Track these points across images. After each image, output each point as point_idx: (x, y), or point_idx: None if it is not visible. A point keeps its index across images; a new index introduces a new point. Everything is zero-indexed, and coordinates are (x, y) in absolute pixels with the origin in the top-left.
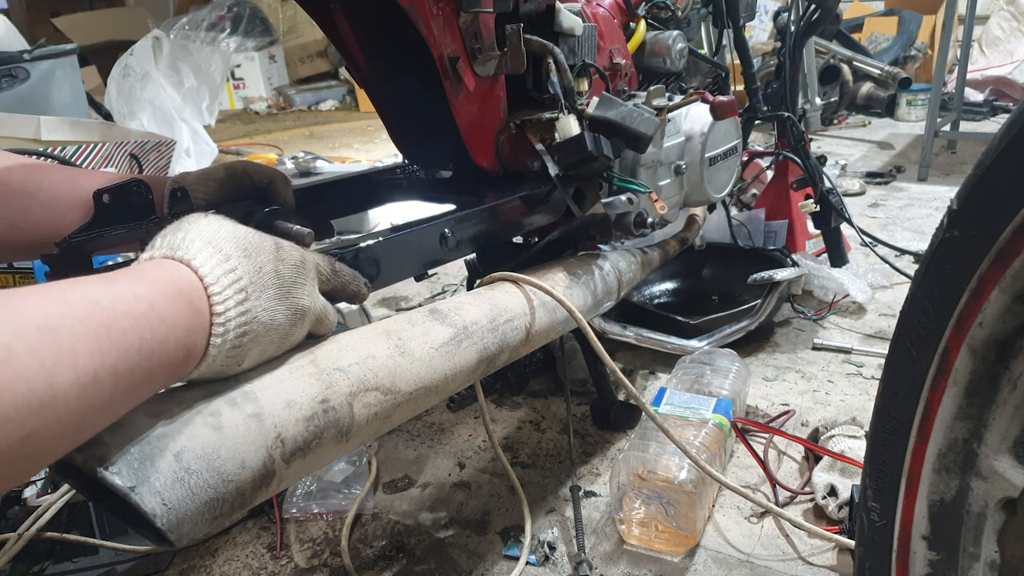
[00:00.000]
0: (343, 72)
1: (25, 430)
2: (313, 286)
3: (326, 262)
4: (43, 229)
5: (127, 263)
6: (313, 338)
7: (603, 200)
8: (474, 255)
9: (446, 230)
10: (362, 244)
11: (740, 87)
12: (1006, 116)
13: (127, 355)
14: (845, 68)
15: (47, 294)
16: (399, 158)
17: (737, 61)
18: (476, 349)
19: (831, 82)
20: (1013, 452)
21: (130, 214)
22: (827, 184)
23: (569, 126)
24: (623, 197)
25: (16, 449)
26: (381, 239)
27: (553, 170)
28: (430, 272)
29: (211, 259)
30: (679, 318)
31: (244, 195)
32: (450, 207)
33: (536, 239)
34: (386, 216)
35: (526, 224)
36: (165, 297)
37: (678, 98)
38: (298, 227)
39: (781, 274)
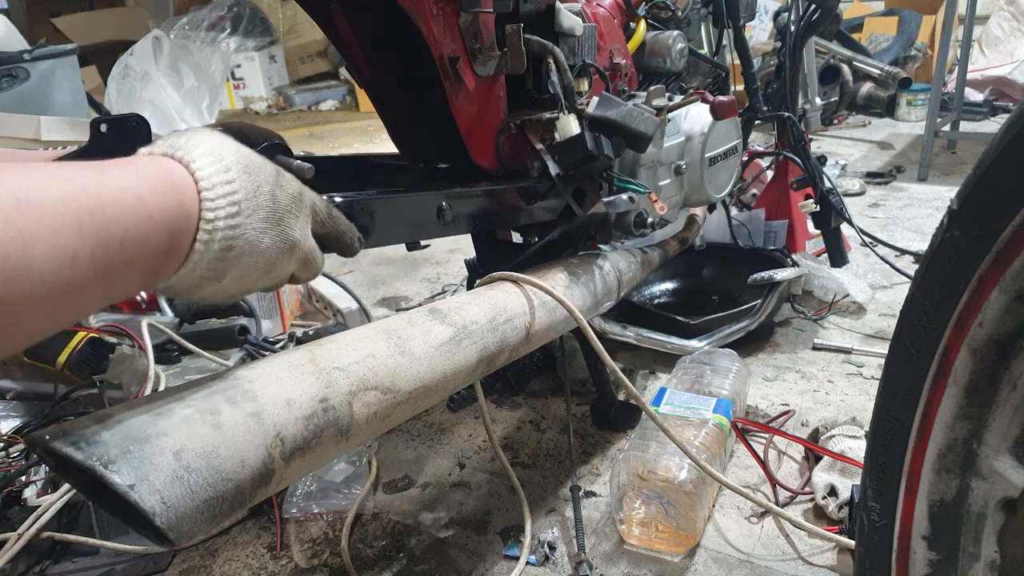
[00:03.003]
0: (343, 72)
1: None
2: (306, 222)
3: (323, 204)
4: None
5: None
6: (296, 281)
7: (604, 199)
8: (474, 256)
9: (444, 203)
10: (360, 197)
11: (740, 87)
12: (1006, 116)
13: (107, 243)
14: (845, 68)
15: (31, 169)
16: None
17: (737, 61)
18: (476, 348)
19: (831, 82)
20: (1013, 452)
21: (126, 148)
22: (827, 184)
23: (569, 126)
24: (624, 196)
25: None
26: (379, 196)
27: (554, 169)
28: (423, 243)
29: (211, 165)
30: (679, 318)
31: None
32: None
33: (536, 239)
34: None
35: (524, 214)
36: (156, 192)
37: (678, 98)
38: (299, 161)
39: (781, 274)
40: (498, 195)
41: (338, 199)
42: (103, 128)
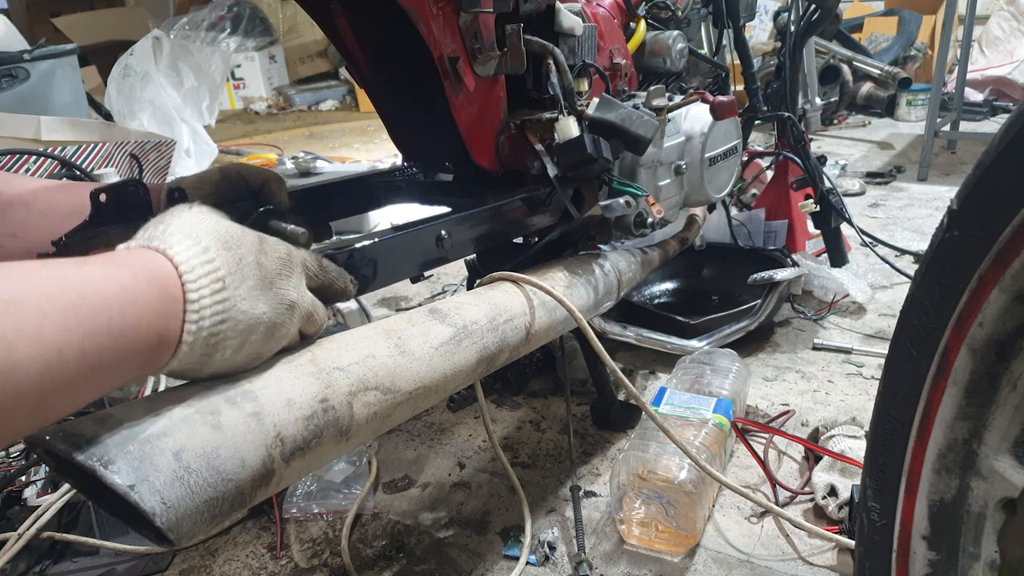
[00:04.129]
0: (343, 72)
1: None
2: (300, 281)
3: (313, 259)
4: (41, 237)
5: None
6: (303, 338)
7: (601, 203)
8: (474, 255)
9: (442, 232)
10: (357, 245)
11: (740, 87)
12: (1006, 116)
13: (95, 334)
14: (845, 68)
15: (15, 268)
16: (399, 158)
17: (737, 61)
18: (476, 349)
19: (831, 82)
20: (1013, 452)
21: (126, 214)
22: (827, 184)
23: (569, 128)
24: (621, 200)
25: None
26: (377, 240)
27: (552, 171)
28: (426, 274)
29: (188, 249)
30: (679, 318)
31: (239, 196)
32: (447, 210)
33: (536, 239)
34: (386, 217)
35: (524, 226)
36: (137, 280)
37: (678, 98)
38: (292, 227)
39: (781, 274)
40: (497, 213)
41: (334, 253)
42: (102, 198)
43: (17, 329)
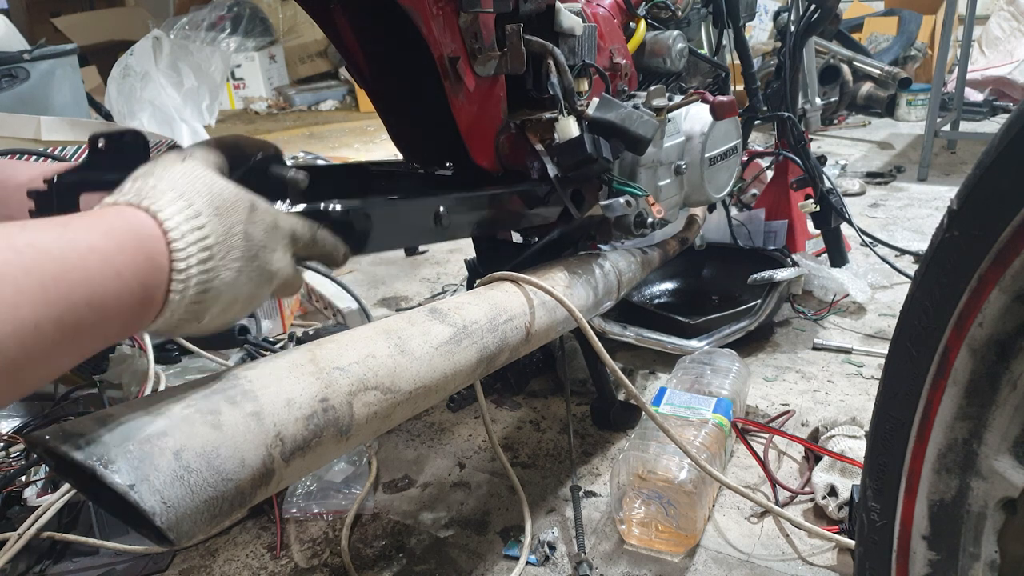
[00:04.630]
0: (343, 72)
1: None
2: (285, 251)
3: (306, 228)
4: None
5: None
6: (274, 297)
7: (602, 203)
8: (474, 255)
9: (441, 208)
10: (356, 204)
11: (740, 87)
12: (1006, 116)
13: (74, 308)
14: (845, 68)
15: None
16: (399, 158)
17: (737, 61)
18: (476, 348)
19: (831, 82)
20: (1013, 452)
21: (123, 163)
22: (827, 184)
23: (568, 128)
24: (621, 200)
25: None
26: (377, 205)
27: (552, 171)
28: (421, 249)
29: (179, 213)
30: (679, 318)
31: (236, 164)
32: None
33: (536, 238)
34: None
35: (523, 219)
36: (122, 249)
37: (678, 98)
38: (293, 172)
39: (781, 274)
40: (497, 200)
41: (338, 207)
42: (100, 144)
43: None
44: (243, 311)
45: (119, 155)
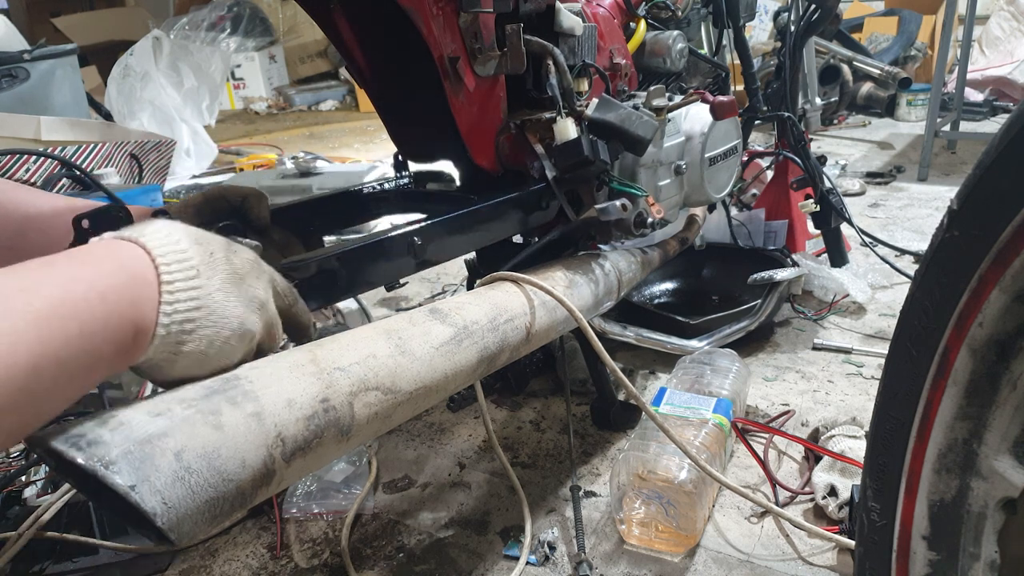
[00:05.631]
0: (343, 72)
1: None
2: (268, 287)
3: (282, 279)
4: (38, 252)
5: None
6: (258, 353)
7: (597, 205)
8: (474, 255)
9: (415, 239)
10: (323, 255)
11: (740, 87)
12: (1006, 116)
13: (68, 341)
14: (845, 68)
15: None
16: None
17: (737, 61)
18: (476, 349)
19: (831, 82)
20: (1013, 452)
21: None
22: (827, 184)
23: (566, 129)
24: (617, 203)
25: None
26: (347, 248)
27: (550, 172)
28: (401, 281)
29: (161, 239)
30: (679, 318)
31: (221, 216)
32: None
33: (536, 238)
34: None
35: (510, 228)
36: (104, 273)
37: (678, 98)
38: (247, 239)
39: (781, 274)
40: (476, 216)
41: (301, 261)
42: (85, 224)
43: None
44: (239, 344)
45: (107, 230)
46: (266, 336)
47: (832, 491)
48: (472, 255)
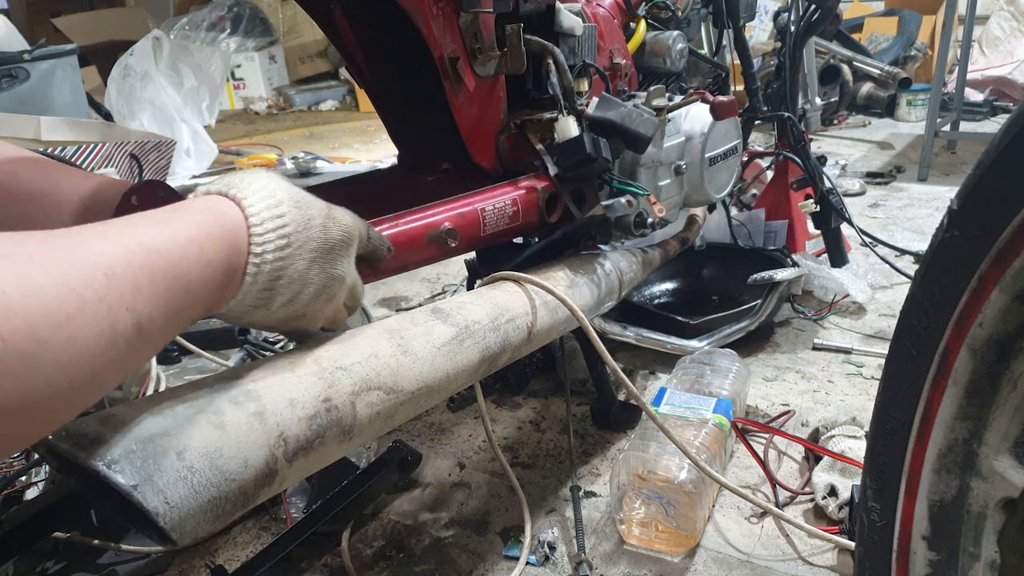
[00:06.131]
0: (343, 72)
1: (93, 367)
2: (352, 255)
3: (364, 227)
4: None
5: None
6: (342, 313)
7: (603, 202)
8: (474, 254)
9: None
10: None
11: (740, 87)
12: (1006, 116)
13: (176, 296)
14: (845, 68)
15: (110, 239)
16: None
17: (737, 61)
18: (478, 348)
19: (831, 82)
20: (1013, 452)
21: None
22: (827, 184)
23: (568, 127)
24: (623, 199)
25: (88, 383)
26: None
27: (552, 171)
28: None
29: (262, 201)
30: (679, 318)
31: None
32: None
33: (536, 238)
34: None
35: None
36: (212, 238)
37: (678, 98)
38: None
39: (781, 274)
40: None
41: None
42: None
43: (118, 303)
44: (310, 307)
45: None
46: (350, 299)
47: (832, 491)
48: (472, 255)
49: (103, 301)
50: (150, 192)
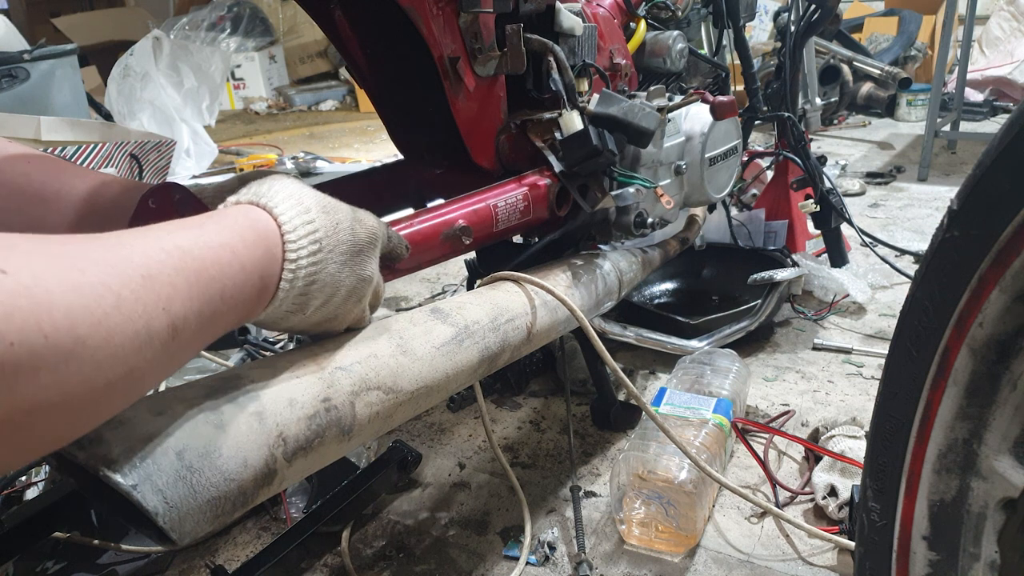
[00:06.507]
0: (343, 72)
1: (129, 365)
2: (377, 256)
3: (385, 227)
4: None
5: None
6: (366, 313)
7: (612, 193)
8: (473, 254)
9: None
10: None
11: (740, 87)
12: (1006, 116)
13: (211, 300)
14: (845, 68)
15: (147, 242)
16: (399, 158)
17: (737, 61)
18: (478, 348)
19: (831, 82)
20: (1013, 452)
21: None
22: (827, 184)
23: (573, 122)
24: (631, 189)
25: (123, 381)
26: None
27: (557, 167)
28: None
29: (292, 208)
30: (679, 318)
31: None
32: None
33: (536, 238)
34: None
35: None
36: (246, 244)
37: (678, 98)
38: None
39: (781, 274)
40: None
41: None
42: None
43: (154, 303)
44: (341, 308)
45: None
46: (373, 299)
47: (832, 491)
48: (472, 255)
49: (139, 301)
50: (167, 194)
